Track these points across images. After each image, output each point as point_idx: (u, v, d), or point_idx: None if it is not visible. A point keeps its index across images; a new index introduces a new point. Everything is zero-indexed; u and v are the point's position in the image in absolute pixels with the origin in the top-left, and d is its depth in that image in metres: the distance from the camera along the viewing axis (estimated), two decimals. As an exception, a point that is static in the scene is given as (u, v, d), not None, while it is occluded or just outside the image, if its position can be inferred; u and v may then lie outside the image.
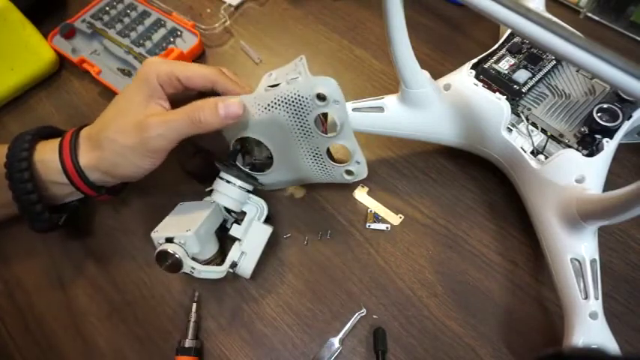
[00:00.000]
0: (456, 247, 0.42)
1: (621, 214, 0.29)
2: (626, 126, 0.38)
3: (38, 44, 0.54)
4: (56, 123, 0.43)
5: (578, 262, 0.34)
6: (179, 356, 0.39)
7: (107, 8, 0.58)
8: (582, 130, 0.39)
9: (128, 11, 0.58)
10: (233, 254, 0.39)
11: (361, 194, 0.45)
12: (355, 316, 0.40)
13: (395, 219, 0.44)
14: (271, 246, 0.43)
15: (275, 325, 0.41)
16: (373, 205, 0.45)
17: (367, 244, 0.43)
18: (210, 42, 0.57)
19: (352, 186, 0.46)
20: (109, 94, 0.54)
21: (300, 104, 0.34)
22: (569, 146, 0.38)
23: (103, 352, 0.41)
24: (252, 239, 0.40)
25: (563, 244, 0.35)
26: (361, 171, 0.39)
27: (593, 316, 0.33)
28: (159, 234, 0.37)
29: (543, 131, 0.40)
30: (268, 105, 0.35)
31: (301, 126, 0.36)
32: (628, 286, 0.39)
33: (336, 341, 0.39)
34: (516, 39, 0.45)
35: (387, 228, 0.44)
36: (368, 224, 0.44)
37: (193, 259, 0.37)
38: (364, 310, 0.40)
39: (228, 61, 0.56)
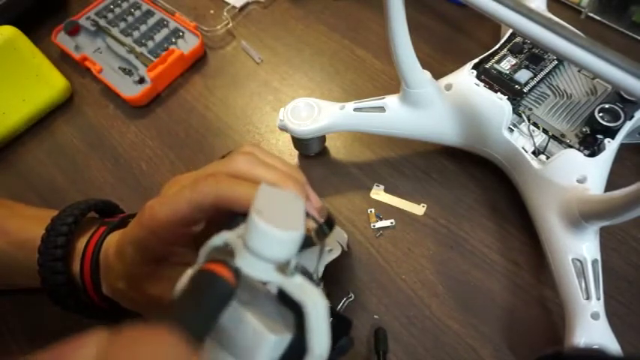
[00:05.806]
0: (457, 247, 0.42)
1: (623, 214, 0.29)
2: (628, 126, 0.38)
3: (49, 73, 0.53)
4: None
5: (580, 262, 0.34)
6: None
7: (112, 6, 0.58)
8: (584, 130, 0.39)
9: (132, 10, 0.58)
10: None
11: (378, 194, 0.45)
12: (343, 301, 0.40)
13: (418, 209, 0.44)
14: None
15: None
16: (394, 201, 0.45)
17: (368, 244, 0.43)
18: (212, 43, 0.57)
19: (352, 186, 0.46)
20: (108, 92, 0.54)
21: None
22: (571, 146, 0.38)
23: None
24: None
25: (564, 245, 0.35)
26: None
27: (595, 316, 0.33)
28: None
29: (545, 131, 0.40)
30: None
31: None
32: (630, 286, 0.39)
33: None
34: (518, 39, 0.44)
35: (391, 223, 0.43)
36: (373, 224, 0.44)
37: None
38: (352, 295, 0.40)
39: (229, 63, 0.56)
